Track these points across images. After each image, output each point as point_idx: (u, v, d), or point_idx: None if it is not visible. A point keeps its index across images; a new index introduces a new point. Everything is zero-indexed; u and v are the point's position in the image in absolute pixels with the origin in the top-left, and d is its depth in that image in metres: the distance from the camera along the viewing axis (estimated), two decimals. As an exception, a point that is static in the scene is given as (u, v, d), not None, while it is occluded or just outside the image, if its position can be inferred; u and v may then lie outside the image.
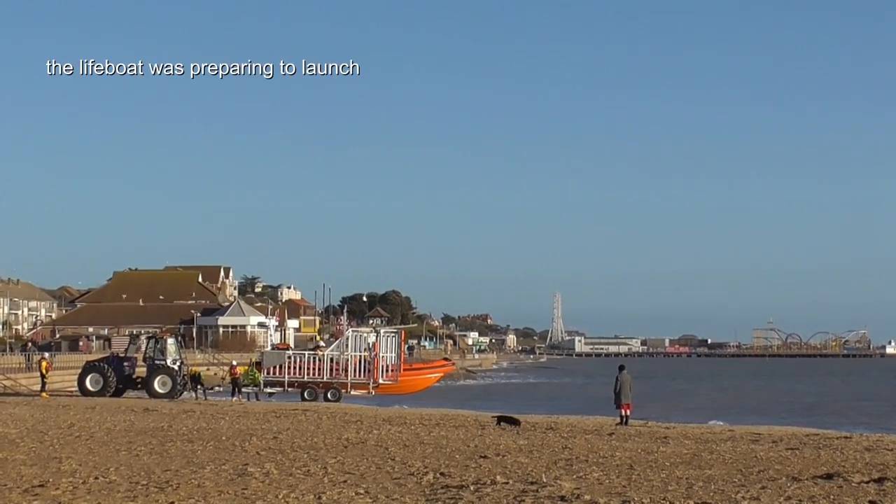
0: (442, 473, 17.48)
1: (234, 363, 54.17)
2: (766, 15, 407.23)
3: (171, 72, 63.62)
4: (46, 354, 56.48)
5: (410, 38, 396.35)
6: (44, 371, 49.04)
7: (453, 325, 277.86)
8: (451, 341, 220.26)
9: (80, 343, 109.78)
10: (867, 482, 16.72)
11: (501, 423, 31.19)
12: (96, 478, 16.50)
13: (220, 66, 62.89)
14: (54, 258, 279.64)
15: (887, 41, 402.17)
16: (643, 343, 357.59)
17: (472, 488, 15.50)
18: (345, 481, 16.40)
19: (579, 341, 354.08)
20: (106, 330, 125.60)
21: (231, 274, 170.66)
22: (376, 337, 53.01)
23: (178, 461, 19.09)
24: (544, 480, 16.45)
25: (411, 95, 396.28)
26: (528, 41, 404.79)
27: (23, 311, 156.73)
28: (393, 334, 55.00)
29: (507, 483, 16.11)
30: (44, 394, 47.61)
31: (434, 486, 15.87)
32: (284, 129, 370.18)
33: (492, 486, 15.68)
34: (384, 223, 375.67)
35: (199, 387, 49.72)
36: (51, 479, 16.20)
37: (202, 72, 64.27)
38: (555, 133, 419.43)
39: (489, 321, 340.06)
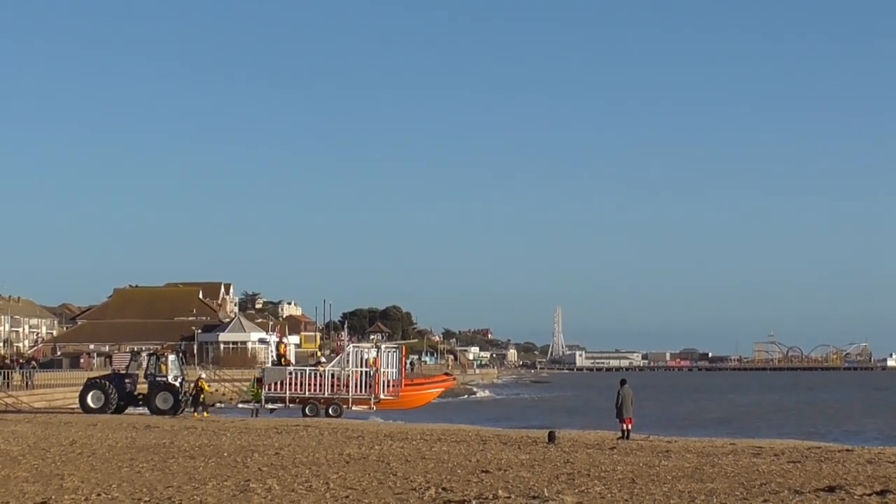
0: (444, 488, 17.49)
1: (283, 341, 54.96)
2: (767, 28, 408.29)
3: (172, 76, 64.09)
4: (203, 374, 56.63)
5: (411, 50, 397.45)
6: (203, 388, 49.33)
7: (454, 340, 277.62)
8: (451, 356, 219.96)
9: (82, 360, 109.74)
10: (869, 495, 16.74)
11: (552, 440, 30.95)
12: (99, 494, 16.52)
13: (222, 72, 63.39)
14: (55, 275, 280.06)
15: (888, 52, 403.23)
16: (644, 357, 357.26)
17: (474, 503, 15.52)
18: (347, 496, 16.42)
19: (580, 355, 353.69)
20: (107, 347, 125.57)
21: (231, 290, 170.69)
22: (377, 352, 52.97)
23: (180, 477, 19.10)
24: (546, 495, 16.46)
25: (412, 110, 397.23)
26: (528, 53, 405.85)
27: (24, 329, 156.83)
28: (394, 350, 54.97)
29: (509, 498, 16.12)
30: (206, 413, 47.58)
31: (436, 501, 15.89)
32: (283, 145, 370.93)
33: (494, 501, 15.70)
34: (384, 238, 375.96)
35: (199, 405, 49.70)
36: (53, 496, 16.23)
37: (203, 78, 64.76)
38: (555, 148, 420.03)
39: (490, 336, 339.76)
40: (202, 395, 49.34)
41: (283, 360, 53.63)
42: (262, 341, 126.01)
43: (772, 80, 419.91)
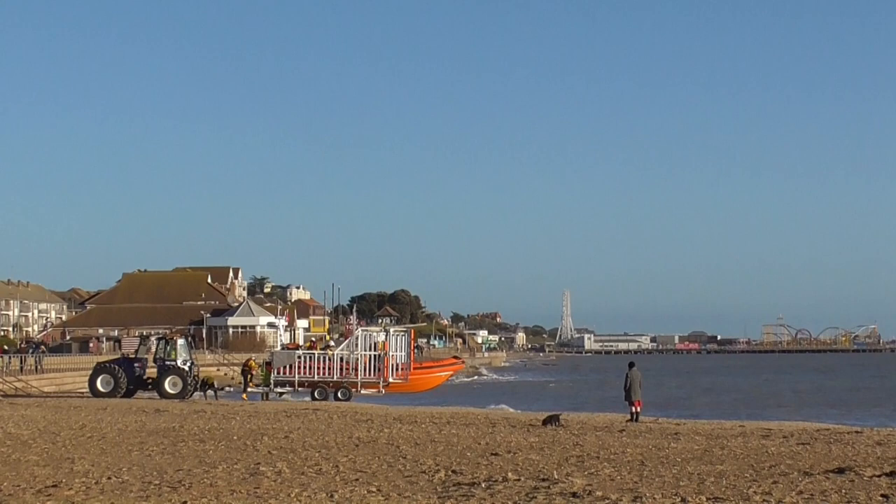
0: (454, 471, 17.51)
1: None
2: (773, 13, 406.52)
3: (178, 63, 64.18)
4: (254, 356, 58.03)
5: (416, 35, 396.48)
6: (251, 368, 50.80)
7: (462, 323, 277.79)
8: (460, 340, 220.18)
9: (91, 344, 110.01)
10: (879, 476, 16.72)
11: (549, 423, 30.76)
12: (109, 478, 16.55)
13: (227, 58, 63.52)
14: (64, 260, 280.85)
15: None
16: (653, 340, 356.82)
17: (483, 485, 15.52)
18: (357, 479, 16.43)
19: (589, 339, 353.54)
20: (116, 331, 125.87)
21: (240, 274, 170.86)
22: (386, 336, 53.00)
23: (191, 461, 19.13)
24: (556, 477, 16.46)
25: (420, 95, 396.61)
26: (536, 38, 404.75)
27: (33, 313, 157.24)
28: (402, 333, 54.99)
29: (518, 480, 16.13)
30: (244, 395, 49.25)
31: (446, 484, 15.89)
32: (292, 129, 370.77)
33: (503, 483, 15.70)
34: (392, 222, 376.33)
35: (209, 389, 49.84)
36: (64, 480, 16.26)
37: (208, 65, 64.82)
38: (563, 131, 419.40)
39: (498, 319, 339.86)
40: (249, 376, 50.56)
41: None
42: (270, 325, 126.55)
43: (783, 63, 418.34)
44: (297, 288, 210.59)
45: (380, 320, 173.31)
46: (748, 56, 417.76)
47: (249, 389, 52.45)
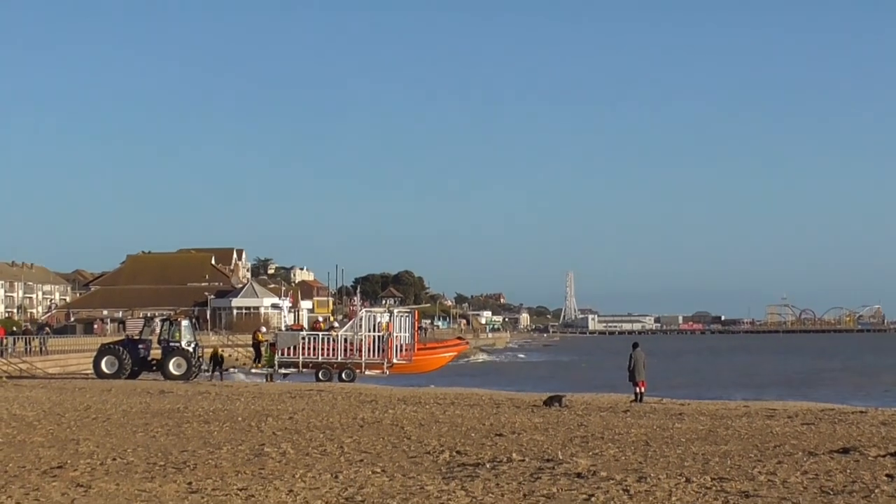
0: (458, 452, 17.52)
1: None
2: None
3: (178, 54, 63.97)
4: (263, 329, 59.18)
5: (420, 17, 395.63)
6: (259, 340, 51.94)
7: (466, 304, 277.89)
8: (464, 321, 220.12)
9: (95, 326, 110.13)
10: (883, 456, 16.72)
11: (550, 404, 30.69)
12: (114, 459, 16.59)
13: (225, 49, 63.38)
14: (68, 242, 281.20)
15: None
16: (657, 320, 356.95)
17: (488, 466, 15.53)
18: (361, 460, 16.45)
19: (593, 319, 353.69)
20: (120, 313, 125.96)
21: (244, 256, 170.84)
22: (390, 317, 52.96)
23: (195, 442, 19.16)
24: (560, 457, 16.47)
25: (422, 75, 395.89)
26: (538, 23, 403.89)
27: (37, 295, 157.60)
28: (406, 314, 54.95)
29: (523, 460, 16.13)
30: (258, 365, 50.92)
31: (450, 464, 15.91)
32: (293, 111, 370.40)
33: (508, 464, 15.71)
34: (396, 204, 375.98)
35: (217, 368, 49.93)
36: (69, 461, 16.30)
37: (207, 56, 64.59)
38: (566, 112, 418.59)
39: (502, 300, 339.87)
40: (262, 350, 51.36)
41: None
42: (274, 306, 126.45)
43: (788, 46, 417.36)
44: (301, 269, 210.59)
45: (384, 301, 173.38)
46: (752, 34, 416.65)
47: (254, 370, 52.55)
